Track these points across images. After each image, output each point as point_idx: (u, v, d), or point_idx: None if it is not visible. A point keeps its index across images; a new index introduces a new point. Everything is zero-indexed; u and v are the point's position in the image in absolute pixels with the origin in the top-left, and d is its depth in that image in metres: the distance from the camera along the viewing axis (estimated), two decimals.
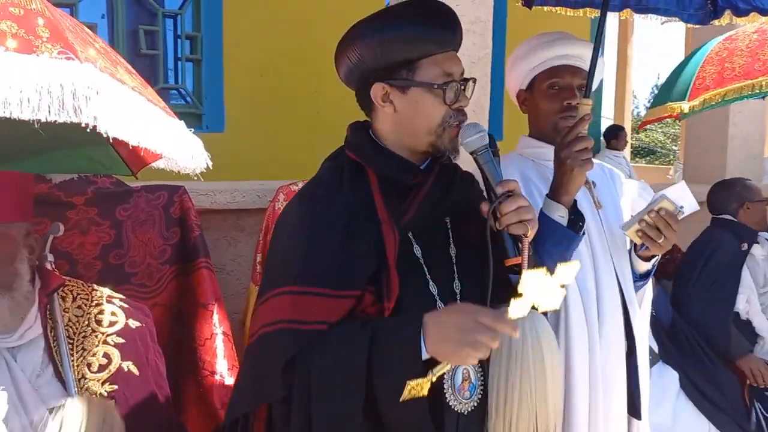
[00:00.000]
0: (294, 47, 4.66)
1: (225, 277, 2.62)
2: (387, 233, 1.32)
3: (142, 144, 1.07)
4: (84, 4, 4.12)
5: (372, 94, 1.39)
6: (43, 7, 1.07)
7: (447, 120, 1.37)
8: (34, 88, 0.94)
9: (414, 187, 1.40)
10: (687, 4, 2.15)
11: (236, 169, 4.21)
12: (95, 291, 1.78)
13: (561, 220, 1.64)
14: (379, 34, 1.36)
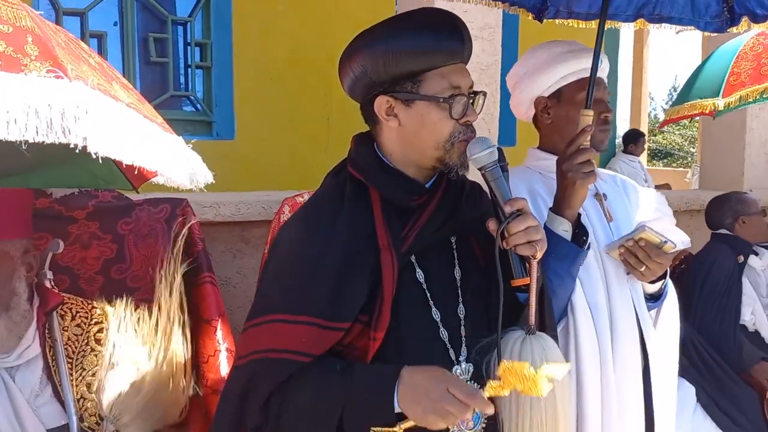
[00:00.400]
0: (304, 54, 4.64)
1: (230, 290, 2.59)
2: (385, 261, 1.27)
3: (136, 163, 1.04)
4: (94, 12, 4.12)
5: (376, 108, 1.33)
6: (33, 24, 1.05)
7: (454, 135, 1.31)
8: (21, 109, 0.91)
9: (417, 209, 1.35)
10: (702, 12, 2.09)
11: (245, 175, 4.20)
12: (95, 309, 1.76)
13: (565, 234, 1.59)
14: (382, 45, 1.29)
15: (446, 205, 1.38)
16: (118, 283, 2.08)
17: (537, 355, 1.28)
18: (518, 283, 1.30)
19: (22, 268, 1.60)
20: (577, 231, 1.61)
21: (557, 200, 1.62)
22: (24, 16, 1.02)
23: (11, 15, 1.01)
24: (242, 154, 4.40)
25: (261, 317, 1.30)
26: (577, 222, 1.62)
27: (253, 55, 4.49)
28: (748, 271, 3.21)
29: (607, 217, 1.84)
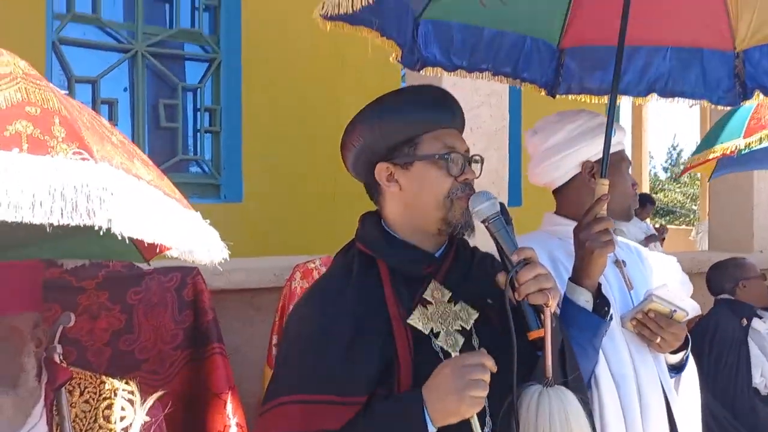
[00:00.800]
0: (312, 118, 4.70)
1: (239, 359, 2.53)
2: (398, 330, 1.28)
3: (158, 241, 1.04)
4: (106, 79, 4.20)
5: (376, 175, 1.38)
6: (60, 105, 1.06)
7: (454, 192, 1.34)
8: (46, 191, 0.91)
9: (427, 278, 1.35)
10: (714, 87, 2.13)
11: (254, 238, 4.19)
12: (103, 383, 1.71)
13: (586, 304, 1.56)
14: (378, 117, 1.37)
15: (457, 273, 1.38)
16: (126, 355, 2.04)
17: (555, 409, 1.24)
18: (534, 336, 1.27)
19: (31, 344, 1.56)
20: (598, 301, 1.57)
21: (576, 270, 1.59)
22: (51, 97, 1.03)
23: (39, 97, 1.02)
24: (250, 216, 4.40)
25: (275, 400, 1.29)
26: (598, 292, 1.58)
27: (261, 119, 4.55)
28: (753, 334, 3.24)
29: (628, 285, 1.81)
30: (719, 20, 2.02)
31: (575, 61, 2.16)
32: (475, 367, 1.18)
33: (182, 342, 2.11)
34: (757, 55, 2.05)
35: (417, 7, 1.85)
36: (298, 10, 4.61)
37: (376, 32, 1.67)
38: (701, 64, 2.10)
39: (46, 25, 3.95)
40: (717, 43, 2.07)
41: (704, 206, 11.91)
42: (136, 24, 4.26)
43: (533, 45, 2.08)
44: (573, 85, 2.17)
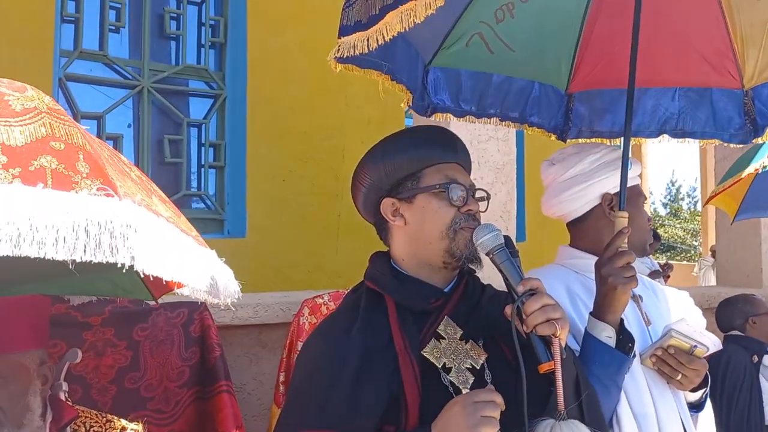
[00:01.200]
0: (316, 152, 4.71)
1: (246, 397, 2.48)
2: (404, 364, 1.27)
3: (176, 279, 1.03)
4: (111, 115, 4.21)
5: (382, 211, 1.42)
6: (84, 141, 1.05)
7: (456, 222, 1.36)
8: (70, 227, 0.90)
9: (435, 312, 1.35)
10: (725, 126, 2.13)
11: (257, 273, 4.15)
12: (110, 422, 1.66)
13: (608, 341, 1.52)
14: (381, 156, 1.42)
15: (465, 307, 1.38)
16: (131, 393, 2.00)
17: None
18: (545, 368, 1.24)
19: (37, 381, 1.52)
20: (621, 337, 1.54)
21: (598, 305, 1.55)
22: (75, 133, 1.02)
23: (64, 132, 1.02)
24: (253, 251, 4.37)
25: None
26: (621, 327, 1.55)
27: (266, 154, 4.55)
28: (764, 371, 3.21)
29: (645, 320, 1.78)
30: (726, 59, 2.04)
31: (584, 106, 2.17)
32: (486, 404, 1.17)
33: (189, 379, 2.07)
34: (767, 92, 2.06)
35: (426, 55, 1.88)
36: (303, 47, 4.68)
37: (386, 76, 1.69)
38: (711, 104, 2.11)
39: (54, 61, 3.98)
40: (725, 82, 2.09)
41: (705, 242, 11.89)
42: (143, 60, 4.29)
43: (541, 90, 2.10)
44: (583, 129, 2.18)
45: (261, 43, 4.52)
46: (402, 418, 1.24)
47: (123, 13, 4.21)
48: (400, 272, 1.42)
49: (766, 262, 3.95)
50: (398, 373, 1.26)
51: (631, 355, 1.55)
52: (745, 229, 4.03)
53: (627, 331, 1.56)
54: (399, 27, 1.28)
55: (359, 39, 1.38)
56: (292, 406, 1.37)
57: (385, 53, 1.62)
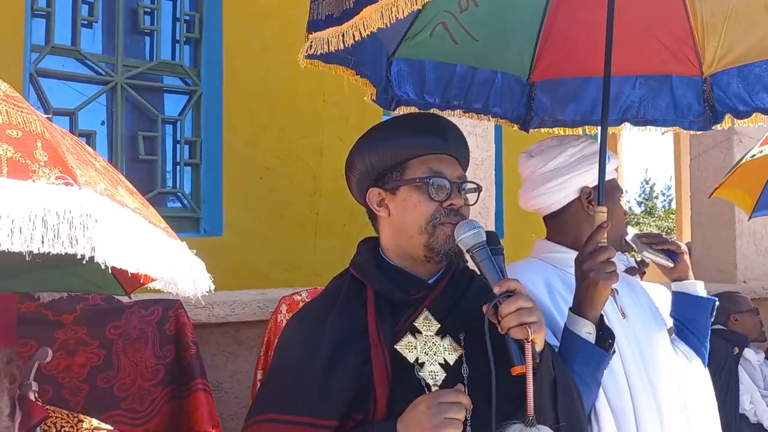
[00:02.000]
0: (293, 150, 4.66)
1: (223, 395, 2.44)
2: (376, 357, 1.26)
3: (142, 271, 1.00)
4: (84, 112, 4.13)
5: (368, 200, 1.42)
6: (43, 128, 1.01)
7: (436, 217, 1.33)
8: (27, 217, 0.86)
9: (414, 304, 1.34)
10: (686, 113, 2.15)
11: (234, 272, 4.10)
12: (81, 422, 1.62)
13: (588, 336, 1.51)
14: (368, 145, 1.41)
15: (446, 300, 1.35)
16: (104, 393, 1.96)
17: None
18: (517, 371, 1.22)
19: (4, 381, 1.48)
20: (601, 333, 1.52)
21: (578, 301, 1.53)
22: (34, 120, 0.99)
23: (21, 120, 0.99)
24: (230, 250, 4.31)
25: (257, 416, 1.31)
26: (600, 323, 1.53)
27: (242, 152, 4.50)
28: (744, 363, 3.29)
29: (621, 313, 1.78)
30: (686, 47, 2.05)
31: (546, 95, 2.17)
32: (450, 406, 1.17)
33: (164, 378, 2.03)
34: (726, 79, 2.07)
35: (389, 47, 1.86)
36: (280, 43, 4.63)
37: (352, 71, 1.66)
38: (671, 91, 2.13)
39: (24, 56, 3.89)
40: (685, 70, 2.10)
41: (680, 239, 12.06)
42: (116, 56, 4.21)
43: (504, 80, 2.10)
44: (545, 118, 2.18)
45: (237, 38, 4.47)
46: (371, 409, 1.24)
47: (96, 7, 4.13)
48: (384, 261, 1.41)
49: (740, 258, 4.00)
50: (369, 364, 1.26)
51: (611, 351, 1.53)
52: (719, 225, 4.09)
53: (607, 327, 1.55)
54: (379, 23, 1.22)
55: (333, 35, 1.33)
56: (264, 390, 1.39)
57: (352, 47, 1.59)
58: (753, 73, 2.02)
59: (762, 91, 2.02)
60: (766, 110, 2.04)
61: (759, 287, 4.01)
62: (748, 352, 3.32)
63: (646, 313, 1.85)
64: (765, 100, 2.03)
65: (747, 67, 2.02)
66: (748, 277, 4.02)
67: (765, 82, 2.01)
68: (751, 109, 2.05)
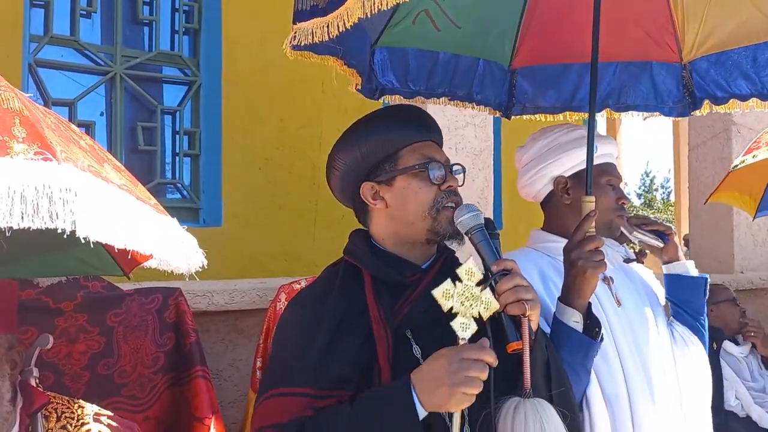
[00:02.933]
0: (292, 140, 4.67)
1: (222, 383, 2.46)
2: (378, 331, 1.29)
3: (129, 246, 0.99)
4: (83, 102, 4.13)
5: (362, 196, 1.42)
6: (21, 105, 1.01)
7: (438, 201, 1.37)
8: (5, 193, 0.86)
9: (411, 285, 1.37)
10: (665, 99, 2.16)
11: (234, 263, 4.11)
12: (81, 408, 1.63)
13: (576, 325, 1.52)
14: (356, 140, 1.41)
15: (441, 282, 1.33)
16: (104, 380, 1.97)
17: (531, 420, 1.21)
18: (513, 347, 1.25)
19: (6, 366, 1.49)
20: (589, 322, 1.54)
21: (566, 290, 1.55)
22: (12, 97, 0.99)
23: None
24: (229, 240, 4.32)
25: (264, 394, 1.32)
26: (588, 312, 1.55)
27: (241, 142, 4.50)
28: (727, 357, 3.20)
29: (617, 301, 1.79)
30: (666, 33, 2.05)
31: (527, 81, 2.18)
32: (473, 363, 1.15)
33: (164, 365, 2.04)
34: (705, 65, 2.08)
35: (373, 35, 1.85)
36: (279, 34, 4.59)
37: (340, 61, 1.67)
38: (651, 77, 2.14)
39: (23, 47, 3.89)
40: (665, 56, 2.10)
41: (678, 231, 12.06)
42: (115, 46, 4.21)
43: (486, 67, 2.10)
44: (527, 105, 2.19)
45: (236, 29, 4.46)
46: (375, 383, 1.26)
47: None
48: (378, 249, 1.43)
49: (737, 249, 4.01)
50: (371, 340, 1.28)
51: (599, 339, 1.54)
52: (717, 215, 4.10)
53: (594, 316, 1.56)
54: (360, 13, 1.20)
55: (318, 25, 1.33)
56: (269, 372, 1.41)
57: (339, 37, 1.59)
58: (731, 59, 2.03)
59: (739, 78, 2.03)
60: (743, 96, 2.05)
61: (756, 277, 4.02)
62: (729, 346, 3.22)
63: (644, 300, 1.86)
64: (742, 86, 2.04)
65: (725, 54, 2.03)
66: (746, 267, 4.03)
67: (742, 68, 2.02)
68: (729, 95, 2.06)
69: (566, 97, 2.16)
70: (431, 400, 1.16)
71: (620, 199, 1.81)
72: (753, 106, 2.05)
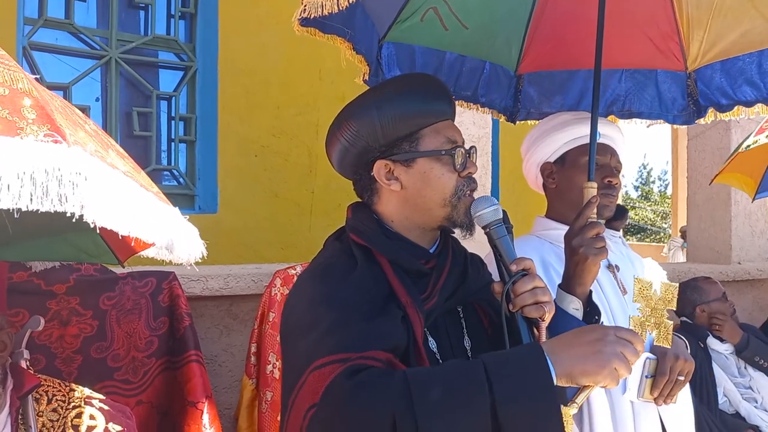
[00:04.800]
0: (288, 127, 4.63)
1: (216, 368, 2.44)
2: (413, 316, 1.20)
3: (133, 234, 0.97)
4: (78, 86, 4.09)
5: (375, 174, 1.31)
6: (30, 87, 0.99)
7: (460, 188, 1.29)
8: (15, 174, 0.84)
9: (429, 273, 1.30)
10: (670, 107, 2.17)
11: (229, 250, 4.09)
12: (73, 391, 1.62)
13: (576, 312, 1.51)
14: (375, 111, 1.29)
15: (456, 272, 1.33)
16: (97, 363, 1.95)
17: None
18: None
19: None
20: (588, 309, 1.52)
21: (567, 277, 1.53)
22: (21, 78, 0.96)
23: (8, 77, 0.96)
24: (225, 227, 4.30)
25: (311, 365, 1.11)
26: (588, 300, 1.53)
27: (237, 128, 4.47)
28: (713, 354, 3.15)
29: (622, 289, 1.78)
30: (671, 42, 2.06)
31: (533, 87, 2.18)
32: (628, 345, 1.09)
33: (157, 349, 2.03)
34: (709, 73, 2.08)
35: (381, 29, 1.84)
36: (277, 19, 4.58)
37: (348, 44, 1.64)
38: (656, 85, 2.14)
39: (17, 29, 3.84)
40: (670, 64, 2.11)
41: (675, 224, 12.08)
42: (110, 30, 4.17)
43: (492, 70, 2.09)
44: (532, 110, 2.19)
45: (233, 13, 4.42)
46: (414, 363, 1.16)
47: None
48: (388, 230, 1.32)
49: (735, 240, 4.00)
50: (407, 322, 1.19)
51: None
52: (715, 206, 4.08)
53: (593, 304, 1.54)
54: None
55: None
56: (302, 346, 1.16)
57: (346, 20, 1.56)
58: (736, 66, 2.03)
59: (744, 84, 2.03)
60: (748, 103, 2.05)
61: (753, 268, 4.01)
62: (714, 343, 3.15)
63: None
64: (747, 93, 2.03)
65: (730, 61, 2.03)
66: (743, 258, 4.02)
67: (747, 75, 2.01)
68: (733, 102, 2.06)
69: (572, 102, 2.16)
70: (576, 370, 1.06)
71: (606, 177, 1.78)
72: (759, 111, 2.04)
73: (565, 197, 1.83)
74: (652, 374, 1.62)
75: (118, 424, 1.57)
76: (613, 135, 1.84)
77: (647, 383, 1.63)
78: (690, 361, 1.65)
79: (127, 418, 1.61)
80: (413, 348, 1.18)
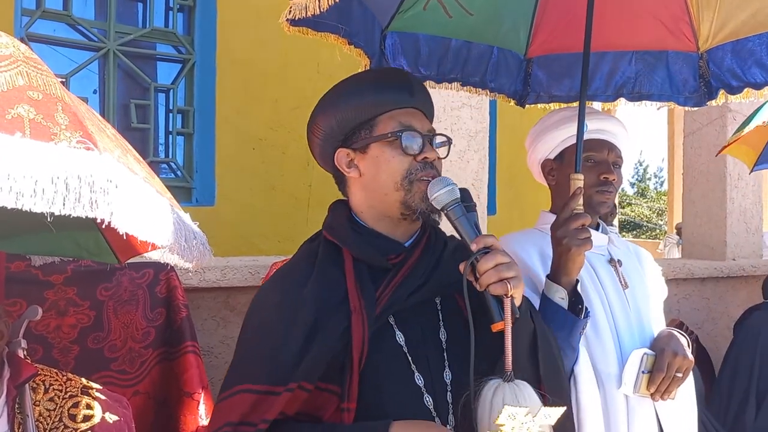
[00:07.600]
0: (286, 120, 4.64)
1: (213, 360, 2.45)
2: (355, 325, 1.21)
3: (151, 240, 1.01)
4: (75, 78, 4.08)
5: (336, 162, 1.37)
6: (62, 93, 1.01)
7: (411, 172, 1.30)
8: (49, 179, 0.86)
9: (392, 269, 1.30)
10: (681, 89, 2.15)
11: (226, 242, 4.09)
12: (70, 381, 1.62)
13: (561, 302, 1.53)
14: (333, 104, 1.36)
15: (425, 264, 1.32)
16: (94, 354, 1.96)
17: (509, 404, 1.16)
18: (497, 328, 1.19)
19: None
20: (574, 299, 1.54)
21: (554, 268, 1.56)
22: (54, 83, 0.99)
23: (42, 82, 0.98)
24: (222, 220, 4.31)
25: (233, 388, 1.23)
26: (574, 290, 1.55)
27: (235, 122, 4.47)
28: None
29: (623, 284, 1.79)
30: (682, 22, 2.05)
31: (542, 70, 2.17)
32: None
33: (154, 340, 2.03)
34: (720, 54, 2.07)
35: (383, 20, 1.84)
36: (274, 12, 4.55)
37: (343, 39, 1.64)
38: (667, 67, 2.13)
39: (15, 20, 3.83)
40: (681, 45, 2.09)
41: (671, 220, 12.11)
42: (108, 22, 4.16)
43: (500, 55, 2.09)
44: (542, 94, 2.19)
45: (231, 6, 4.41)
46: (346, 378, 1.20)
47: None
48: (359, 224, 1.35)
49: (730, 236, 4.02)
50: (348, 334, 1.21)
51: (582, 317, 1.54)
52: (710, 203, 4.10)
53: (578, 294, 1.56)
54: None
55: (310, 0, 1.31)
56: (240, 359, 1.30)
57: (340, 16, 1.57)
58: (746, 47, 2.01)
59: (754, 66, 2.02)
60: (758, 85, 2.04)
61: (747, 265, 4.03)
62: None
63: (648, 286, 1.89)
64: (756, 74, 2.02)
65: (740, 42, 2.01)
66: (738, 255, 4.04)
67: (757, 56, 2.00)
68: (743, 84, 2.05)
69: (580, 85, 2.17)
70: None
71: (601, 174, 1.79)
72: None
73: (563, 193, 1.84)
74: (649, 370, 1.64)
75: (115, 414, 1.58)
76: (613, 129, 1.84)
77: (644, 378, 1.64)
78: (689, 358, 1.66)
79: (123, 408, 1.62)
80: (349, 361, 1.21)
